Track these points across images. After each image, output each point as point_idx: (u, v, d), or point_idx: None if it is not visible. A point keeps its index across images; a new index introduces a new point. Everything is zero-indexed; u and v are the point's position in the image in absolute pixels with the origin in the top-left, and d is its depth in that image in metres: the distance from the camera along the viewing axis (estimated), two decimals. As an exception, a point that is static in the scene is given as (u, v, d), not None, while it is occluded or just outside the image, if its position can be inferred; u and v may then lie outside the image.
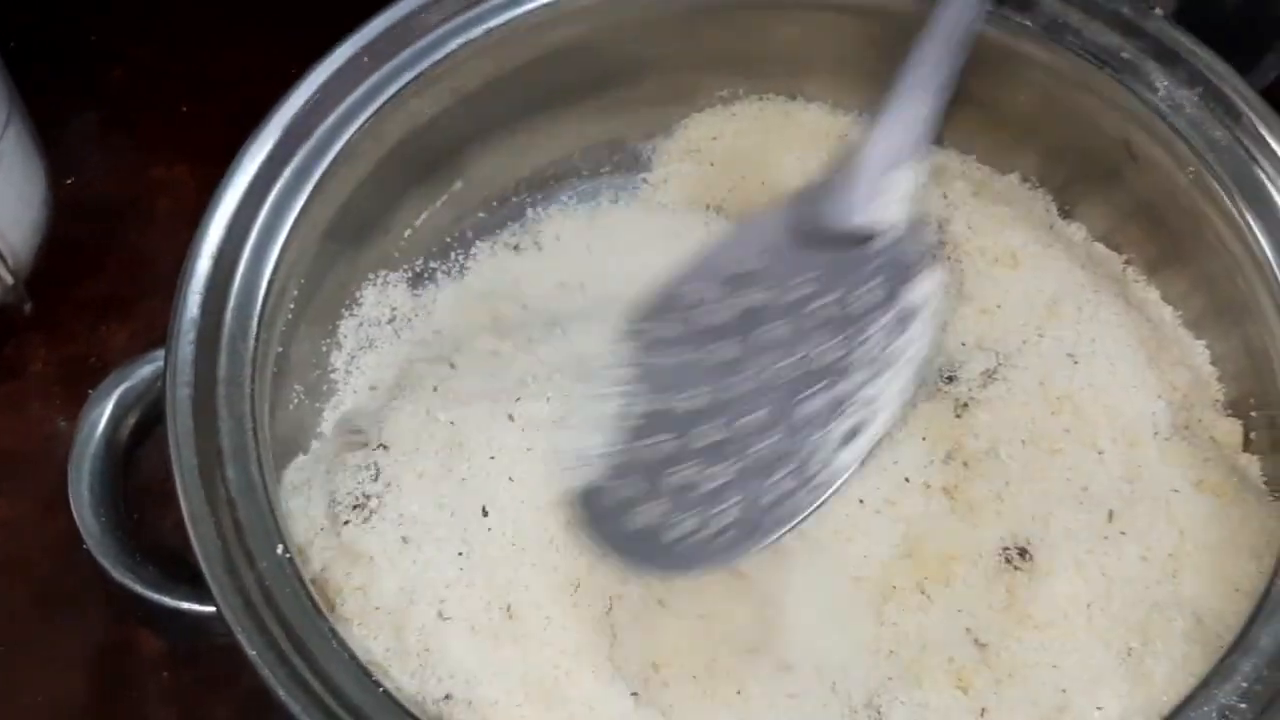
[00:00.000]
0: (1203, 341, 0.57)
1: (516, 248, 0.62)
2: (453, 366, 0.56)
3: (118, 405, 0.49)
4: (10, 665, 0.59)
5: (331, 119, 0.53)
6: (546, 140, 0.62)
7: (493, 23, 0.56)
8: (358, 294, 0.59)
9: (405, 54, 0.55)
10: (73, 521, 0.61)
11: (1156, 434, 0.54)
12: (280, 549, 0.45)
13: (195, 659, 0.58)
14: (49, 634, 0.60)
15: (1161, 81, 0.53)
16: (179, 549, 0.52)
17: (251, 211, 0.51)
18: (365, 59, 0.54)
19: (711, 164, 0.64)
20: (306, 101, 0.53)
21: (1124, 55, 0.54)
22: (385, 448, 0.52)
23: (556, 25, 0.58)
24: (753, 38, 0.62)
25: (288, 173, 0.52)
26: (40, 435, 0.65)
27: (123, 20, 0.77)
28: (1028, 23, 0.55)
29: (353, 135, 0.54)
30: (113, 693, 0.59)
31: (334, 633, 0.43)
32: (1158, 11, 0.54)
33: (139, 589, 0.45)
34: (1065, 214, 0.61)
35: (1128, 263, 0.59)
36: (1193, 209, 0.54)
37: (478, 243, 0.62)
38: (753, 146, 0.63)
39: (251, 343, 0.49)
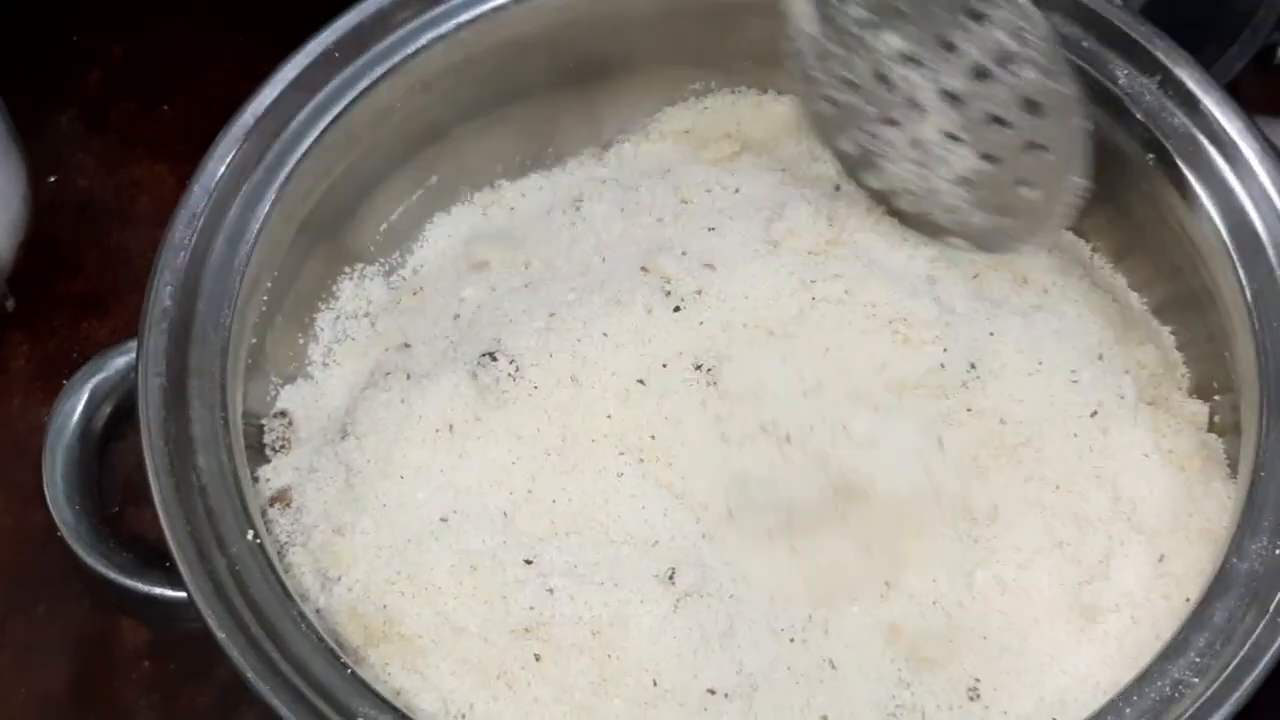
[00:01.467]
0: (1169, 327, 0.58)
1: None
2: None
3: (92, 395, 0.49)
4: (-11, 658, 0.60)
5: (304, 113, 0.54)
6: (519, 134, 0.63)
7: (463, 17, 0.57)
8: (334, 287, 0.60)
9: (376, 49, 0.55)
10: (51, 515, 0.63)
11: (1124, 401, 0.55)
12: (250, 535, 0.45)
13: (176, 649, 0.59)
14: (28, 626, 0.61)
15: (1121, 71, 0.54)
16: (157, 540, 0.53)
17: (224, 204, 0.52)
18: (336, 53, 0.55)
19: (684, 157, 0.65)
20: (279, 95, 0.54)
21: (1084, 45, 0.55)
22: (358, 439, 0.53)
23: (526, 20, 0.58)
24: (724, 33, 0.62)
25: (261, 166, 0.53)
26: (21, 430, 0.65)
27: (101, 20, 0.77)
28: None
29: (325, 129, 0.54)
30: (93, 683, 0.60)
31: (303, 617, 0.44)
32: (1117, 1, 0.55)
33: (112, 575, 0.46)
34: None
35: (1094, 250, 0.60)
36: (1154, 197, 0.55)
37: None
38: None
39: (224, 333, 0.49)
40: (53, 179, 0.72)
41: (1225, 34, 0.65)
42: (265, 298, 0.53)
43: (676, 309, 0.55)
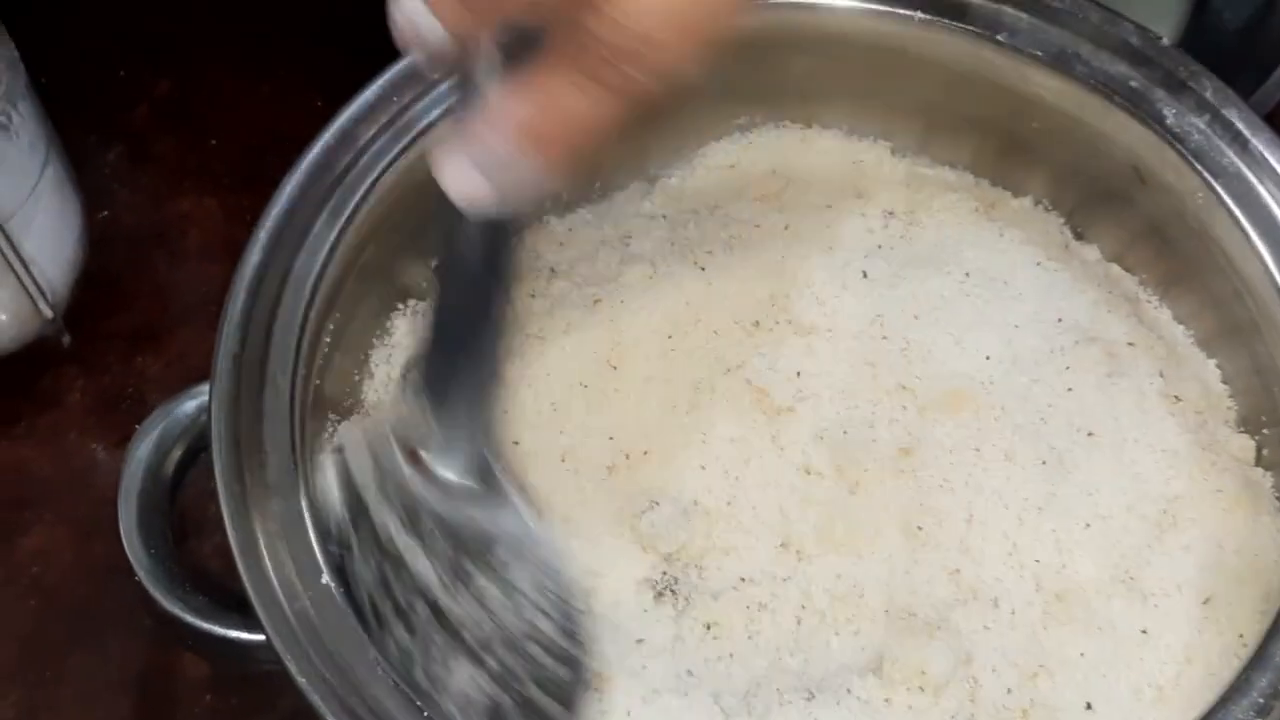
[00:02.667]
0: (1214, 360, 0.58)
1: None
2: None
3: (162, 439, 0.50)
4: (50, 693, 0.60)
5: (365, 157, 0.55)
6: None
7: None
8: (388, 324, 0.61)
9: (435, 92, 0.56)
10: (110, 549, 0.63)
11: (1169, 445, 0.55)
12: (324, 579, 0.46)
13: (237, 683, 0.60)
14: (89, 661, 0.61)
15: (1169, 109, 0.55)
16: (218, 574, 0.54)
17: (289, 248, 0.52)
18: (394, 98, 0.56)
19: (729, 191, 0.65)
20: (338, 139, 0.55)
21: (1132, 84, 0.55)
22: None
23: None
24: (768, 68, 0.63)
25: (325, 210, 0.53)
26: (78, 465, 0.66)
27: (146, 55, 0.79)
28: (1038, 52, 0.57)
29: (383, 172, 0.55)
30: (155, 717, 0.61)
31: (379, 661, 0.45)
32: (1164, 40, 0.55)
33: (190, 619, 0.47)
34: (1078, 236, 0.62)
35: (1141, 284, 0.61)
36: (1201, 233, 0.55)
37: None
38: (769, 173, 0.65)
39: (290, 377, 0.50)
40: (103, 214, 0.73)
41: (1265, 61, 0.66)
42: (328, 340, 0.54)
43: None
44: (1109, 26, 0.56)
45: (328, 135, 0.55)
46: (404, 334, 0.61)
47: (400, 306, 0.61)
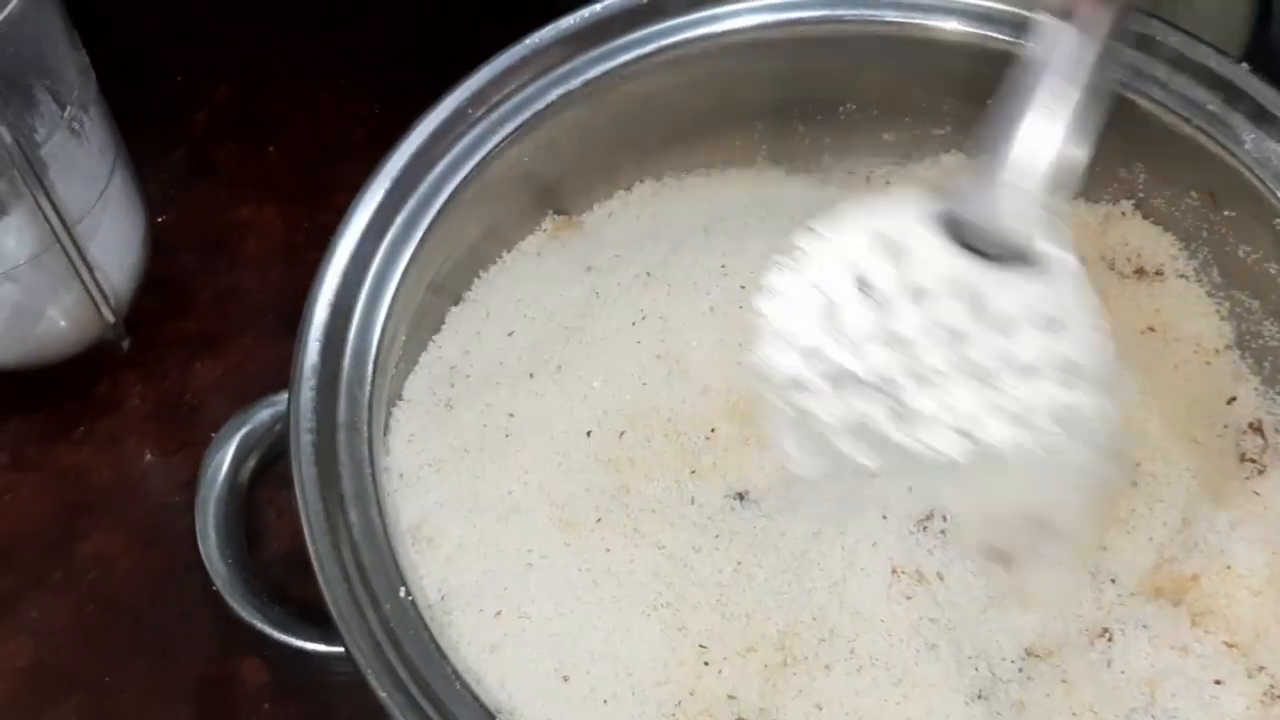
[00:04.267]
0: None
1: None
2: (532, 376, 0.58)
3: (239, 448, 0.50)
4: (111, 699, 0.61)
5: (438, 169, 0.55)
6: (622, 184, 0.64)
7: (589, 74, 0.58)
8: (443, 324, 0.60)
9: (507, 105, 0.56)
10: (168, 554, 0.64)
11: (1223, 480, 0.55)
12: (403, 592, 0.46)
13: (296, 692, 0.60)
14: (149, 665, 0.62)
15: (1249, 135, 0.55)
16: (281, 580, 0.54)
17: (365, 260, 0.53)
18: (470, 110, 0.56)
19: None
20: (416, 151, 0.55)
21: (1210, 109, 0.55)
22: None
23: (648, 76, 0.59)
24: (837, 89, 0.63)
25: (399, 221, 0.54)
26: (137, 471, 0.67)
27: (206, 62, 0.79)
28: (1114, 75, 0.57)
29: (458, 186, 0.55)
30: (214, 725, 0.61)
31: (457, 675, 0.45)
32: (1245, 66, 0.55)
33: (268, 629, 0.47)
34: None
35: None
36: (1278, 260, 0.55)
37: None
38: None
39: (368, 388, 0.50)
40: (162, 219, 0.73)
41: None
42: (400, 351, 0.54)
43: None
44: (1188, 50, 0.56)
45: (404, 148, 0.55)
46: (454, 332, 0.61)
47: (453, 307, 0.61)
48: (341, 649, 0.45)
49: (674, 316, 0.59)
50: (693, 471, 0.57)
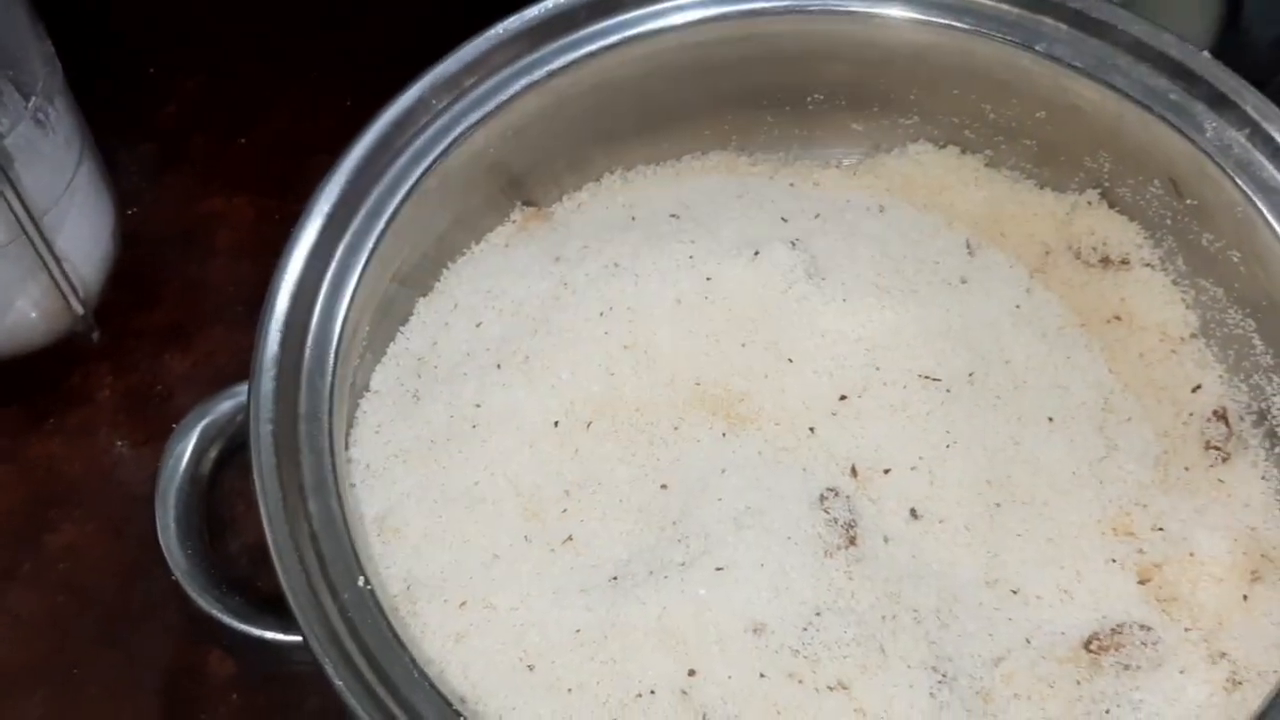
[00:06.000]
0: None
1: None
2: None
3: (200, 439, 0.50)
4: (79, 689, 0.61)
5: (403, 159, 0.55)
6: (591, 175, 0.64)
7: (554, 64, 0.58)
8: (410, 316, 0.60)
9: (471, 95, 0.56)
10: (138, 547, 0.64)
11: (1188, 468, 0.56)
12: (361, 581, 0.46)
13: (264, 683, 0.60)
14: (117, 658, 0.62)
15: (1210, 123, 0.55)
16: (248, 574, 0.54)
17: (328, 250, 0.53)
18: (433, 100, 0.56)
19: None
20: (378, 141, 0.55)
21: (1172, 97, 0.55)
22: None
23: (615, 67, 0.59)
24: (803, 78, 0.63)
25: (362, 211, 0.53)
26: (106, 462, 0.67)
27: (176, 54, 0.79)
28: (1077, 63, 0.57)
29: (420, 176, 0.55)
30: (183, 715, 0.61)
31: (415, 664, 0.45)
32: (1205, 54, 0.55)
33: (227, 620, 0.47)
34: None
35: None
36: (1240, 248, 0.55)
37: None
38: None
39: (329, 378, 0.50)
40: (132, 211, 0.73)
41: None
42: (364, 341, 0.54)
43: None
44: (1150, 39, 0.56)
45: (366, 139, 0.55)
46: (421, 324, 0.61)
47: (421, 299, 0.61)
48: (299, 638, 0.45)
49: (641, 307, 0.59)
50: (659, 461, 0.57)
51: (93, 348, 0.68)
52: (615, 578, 0.54)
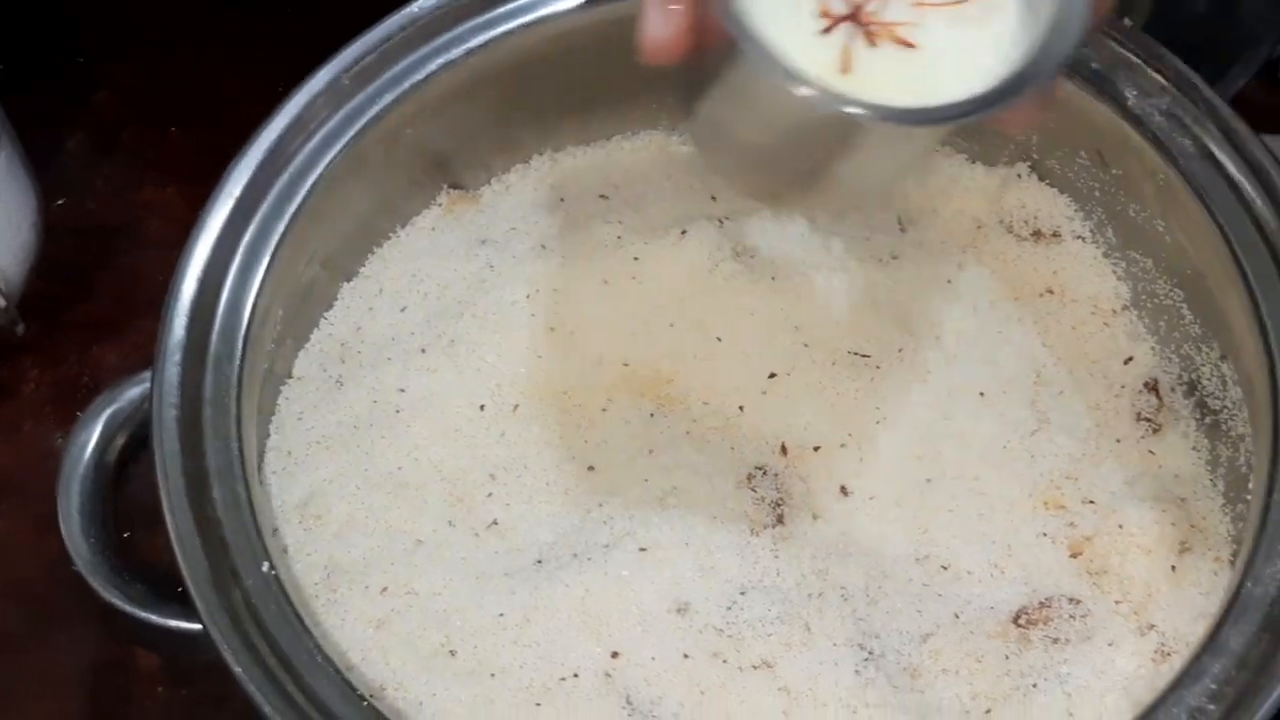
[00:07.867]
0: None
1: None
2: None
3: (106, 426, 0.50)
4: (5, 684, 0.60)
5: (314, 141, 0.54)
6: (519, 157, 0.63)
7: (472, 43, 0.57)
8: (334, 301, 0.60)
9: (385, 76, 0.56)
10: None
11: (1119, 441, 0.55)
12: (265, 566, 0.46)
13: (190, 676, 0.59)
14: (44, 653, 0.61)
15: (1130, 91, 0.54)
16: (168, 567, 0.53)
17: (236, 234, 0.52)
18: (345, 81, 0.55)
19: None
20: (289, 122, 0.54)
21: (1094, 65, 0.55)
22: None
23: (535, 45, 0.59)
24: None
25: (272, 195, 0.53)
26: (34, 456, 0.66)
27: (108, 43, 0.78)
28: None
29: (334, 156, 0.54)
30: (108, 710, 0.60)
31: (319, 649, 0.44)
32: (1127, 22, 0.55)
33: (128, 608, 0.46)
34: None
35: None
36: (1165, 218, 0.55)
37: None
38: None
39: (237, 363, 0.50)
40: (61, 202, 0.72)
41: (1226, 53, 0.65)
42: (278, 326, 0.54)
43: None
44: (1070, 7, 0.55)
45: (276, 122, 0.54)
46: (345, 308, 0.60)
47: (345, 283, 0.60)
48: (201, 626, 0.44)
49: (568, 289, 0.59)
50: (586, 443, 0.56)
51: (18, 341, 0.67)
52: (540, 561, 0.53)
